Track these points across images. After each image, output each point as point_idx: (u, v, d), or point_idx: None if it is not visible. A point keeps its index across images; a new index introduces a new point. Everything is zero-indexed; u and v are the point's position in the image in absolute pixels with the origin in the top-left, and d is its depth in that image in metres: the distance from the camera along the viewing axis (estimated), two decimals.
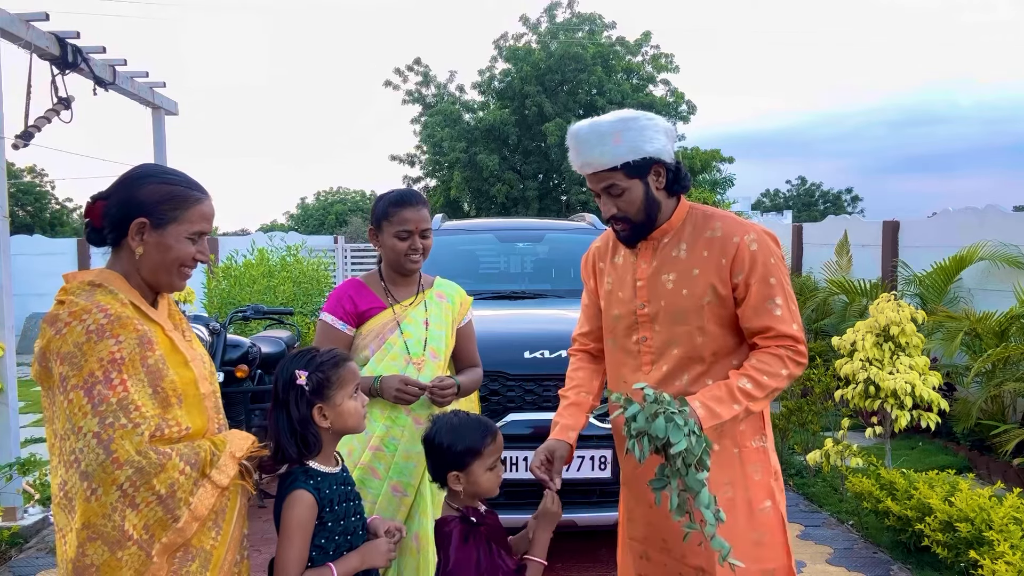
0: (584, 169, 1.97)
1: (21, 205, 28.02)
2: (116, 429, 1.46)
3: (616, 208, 1.96)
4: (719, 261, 1.93)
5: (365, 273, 2.57)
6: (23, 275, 10.94)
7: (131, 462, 1.46)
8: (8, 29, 4.18)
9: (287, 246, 10.50)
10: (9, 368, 4.27)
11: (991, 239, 6.04)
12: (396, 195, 2.46)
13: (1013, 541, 3.16)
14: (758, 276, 1.91)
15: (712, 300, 1.94)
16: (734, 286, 1.93)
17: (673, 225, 2.01)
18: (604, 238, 2.22)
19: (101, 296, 1.57)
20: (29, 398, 8.21)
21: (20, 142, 4.51)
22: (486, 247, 5.52)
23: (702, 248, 1.96)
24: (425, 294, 2.53)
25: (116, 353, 1.50)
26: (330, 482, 1.85)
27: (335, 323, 2.45)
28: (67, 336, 1.50)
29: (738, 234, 1.94)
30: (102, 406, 1.46)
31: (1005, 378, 5.12)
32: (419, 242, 2.43)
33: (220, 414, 1.76)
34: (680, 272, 1.97)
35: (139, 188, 1.63)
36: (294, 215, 41.95)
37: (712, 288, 1.93)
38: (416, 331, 2.44)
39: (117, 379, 1.49)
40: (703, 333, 1.95)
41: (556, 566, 3.56)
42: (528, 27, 20.45)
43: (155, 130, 6.25)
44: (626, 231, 2.00)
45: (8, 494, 4.21)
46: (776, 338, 1.91)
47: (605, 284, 2.14)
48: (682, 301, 1.95)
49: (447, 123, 19.77)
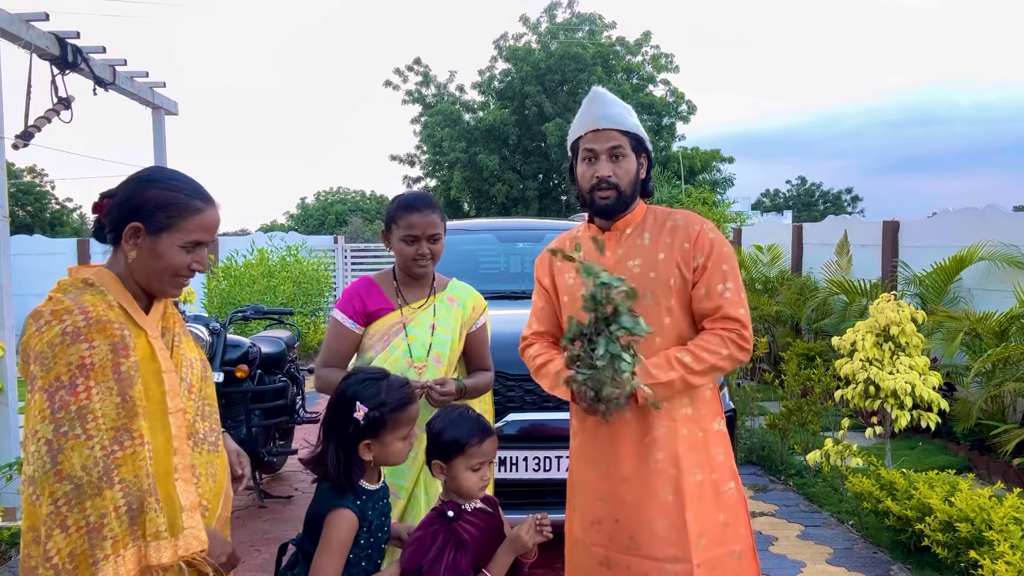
0: (599, 122, 2.06)
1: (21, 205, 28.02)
2: (68, 439, 1.44)
3: (612, 173, 2.06)
4: (682, 245, 2.06)
5: (379, 272, 2.58)
6: (23, 275, 10.93)
7: (72, 477, 1.43)
8: (8, 29, 4.18)
9: (287, 246, 10.51)
10: (9, 368, 4.27)
11: (991, 239, 6.04)
12: (405, 199, 2.45)
13: (1013, 541, 3.16)
14: (714, 260, 2.05)
15: (678, 281, 2.05)
16: (694, 268, 2.05)
17: (636, 217, 2.14)
18: (560, 240, 2.29)
19: (89, 296, 1.55)
20: None
21: (20, 142, 4.51)
22: (486, 247, 5.52)
23: (666, 236, 2.09)
24: (436, 297, 2.51)
25: (87, 358, 1.48)
26: (374, 500, 1.86)
27: (345, 321, 2.45)
28: (44, 335, 1.49)
29: (698, 223, 2.10)
30: (60, 412, 1.45)
31: (1005, 378, 5.12)
32: (426, 247, 2.41)
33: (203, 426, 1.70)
34: (646, 258, 2.08)
35: (141, 191, 1.62)
36: (294, 215, 41.95)
37: (678, 269, 2.05)
38: (421, 334, 2.43)
39: (82, 385, 1.46)
40: (670, 313, 2.05)
41: (556, 566, 3.56)
42: (528, 27, 20.45)
43: (155, 130, 6.25)
44: (611, 199, 2.07)
45: (8, 494, 4.21)
46: (722, 320, 2.02)
47: (567, 280, 2.17)
48: (649, 283, 2.04)
49: (447, 123, 19.77)
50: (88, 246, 13.10)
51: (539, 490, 3.42)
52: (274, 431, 4.99)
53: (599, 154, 2.06)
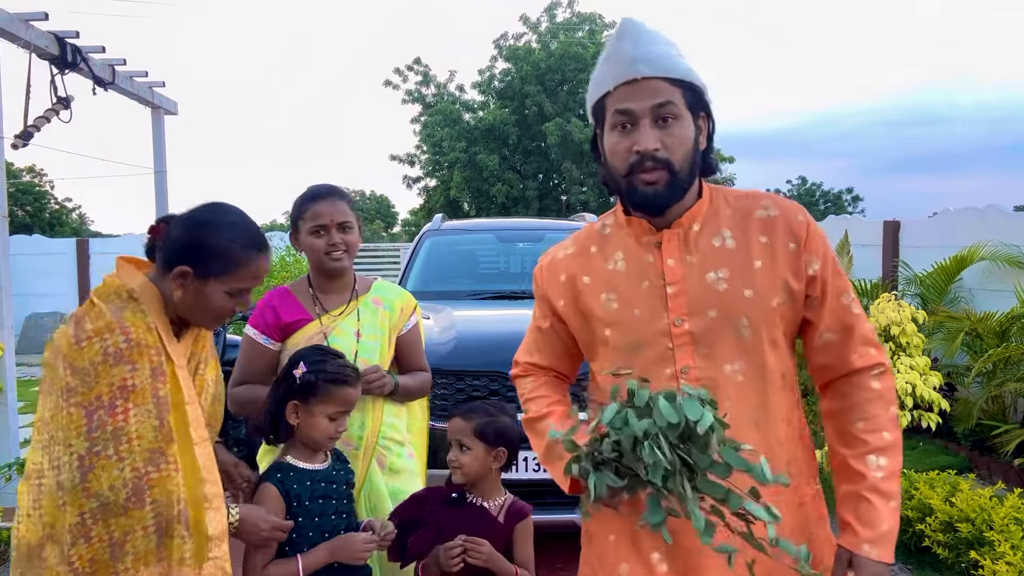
0: (636, 68, 1.38)
1: (20, 205, 28.02)
2: (100, 458, 1.46)
3: (660, 143, 1.38)
4: (786, 246, 1.43)
5: (295, 281, 2.36)
6: (22, 275, 10.94)
7: (99, 495, 1.46)
8: (7, 29, 4.17)
9: (287, 246, 10.49)
10: (9, 368, 4.26)
11: (992, 239, 6.04)
12: (308, 191, 2.27)
13: (1014, 541, 3.16)
14: (831, 265, 1.46)
15: (785, 301, 1.43)
16: (809, 279, 1.44)
17: (701, 208, 1.48)
18: (576, 243, 1.62)
19: (129, 315, 1.56)
20: (29, 398, 8.21)
21: (19, 142, 4.50)
22: (486, 247, 5.52)
23: (757, 232, 1.45)
24: (359, 301, 2.29)
25: (128, 380, 1.50)
26: (305, 478, 1.88)
27: (257, 337, 2.23)
28: (84, 351, 1.50)
29: (800, 212, 1.47)
30: (96, 432, 1.47)
31: (1006, 378, 5.11)
32: (337, 236, 2.20)
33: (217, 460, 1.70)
34: (735, 267, 1.43)
35: (198, 234, 1.61)
36: None
37: (785, 285, 1.42)
38: (346, 343, 2.21)
39: (121, 407, 1.49)
40: (775, 349, 1.44)
41: (556, 566, 3.56)
42: (528, 27, 20.46)
43: (155, 130, 6.24)
44: (661, 185, 1.39)
45: (8, 494, 4.20)
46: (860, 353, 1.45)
47: (601, 302, 1.51)
48: (745, 306, 1.41)
49: (447, 123, 19.78)
50: (87, 246, 13.09)
51: (539, 490, 3.42)
52: None
53: (638, 116, 1.38)
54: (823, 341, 1.47)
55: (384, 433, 2.26)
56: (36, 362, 10.81)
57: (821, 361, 1.49)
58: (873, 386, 1.44)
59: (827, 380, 1.51)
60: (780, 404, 1.45)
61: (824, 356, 1.49)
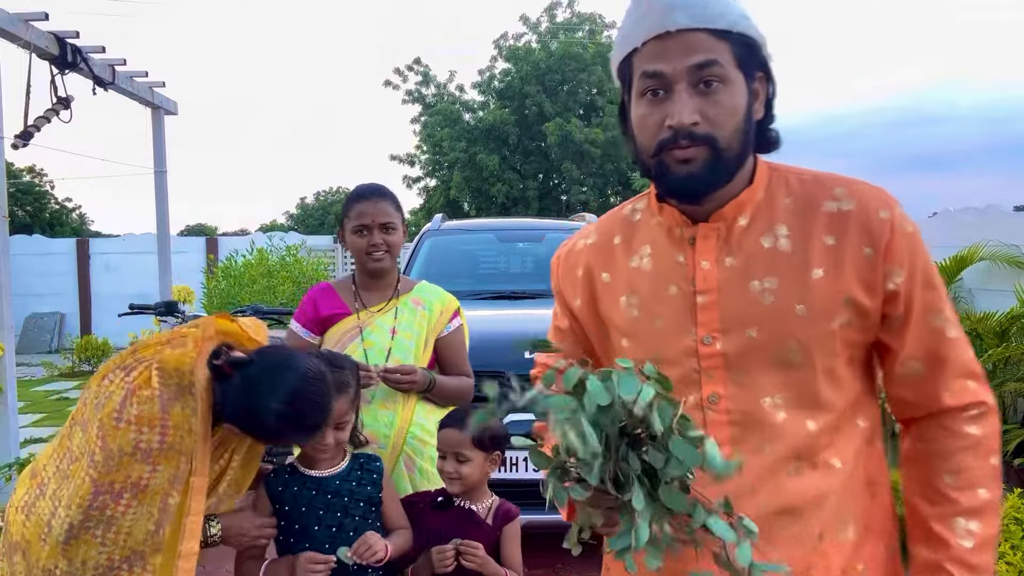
0: (671, 16, 1.07)
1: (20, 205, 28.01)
2: (87, 534, 1.48)
3: (701, 114, 1.08)
4: (859, 252, 1.11)
5: (340, 278, 2.43)
6: (22, 275, 10.95)
7: (72, 563, 1.48)
8: (8, 29, 4.18)
9: (286, 246, 10.50)
10: (9, 368, 4.26)
11: (992, 239, 6.04)
12: (354, 190, 2.32)
13: (1014, 541, 3.16)
14: (921, 276, 1.13)
15: (850, 321, 1.12)
16: (888, 295, 1.12)
17: (752, 196, 1.17)
18: (599, 230, 1.35)
19: (178, 411, 1.54)
20: (29, 398, 8.21)
21: (19, 142, 4.50)
22: (486, 247, 5.53)
23: (822, 231, 1.13)
24: (399, 300, 2.31)
25: (144, 480, 1.50)
26: (301, 482, 1.86)
27: (299, 330, 2.30)
28: (120, 434, 1.49)
29: (884, 206, 1.13)
30: (95, 511, 1.48)
31: (1006, 378, 5.12)
32: (379, 236, 2.22)
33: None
34: (788, 275, 1.13)
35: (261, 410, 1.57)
36: (294, 215, 41.99)
37: (851, 302, 1.11)
38: (380, 339, 2.23)
39: (126, 500, 1.49)
40: (832, 379, 1.13)
41: (556, 566, 3.56)
42: (528, 27, 20.46)
43: (155, 130, 6.25)
44: (699, 164, 1.09)
45: (8, 494, 4.20)
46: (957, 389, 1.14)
47: (621, 306, 1.25)
48: (795, 326, 1.12)
49: (447, 123, 19.79)
50: (87, 246, 13.10)
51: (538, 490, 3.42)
52: None
53: (672, 81, 1.08)
54: (905, 371, 1.15)
55: (414, 433, 2.22)
56: (36, 362, 10.81)
57: (902, 395, 1.18)
58: (969, 431, 1.14)
59: (910, 417, 1.21)
60: (837, 446, 1.15)
61: (906, 389, 1.17)
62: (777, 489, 1.12)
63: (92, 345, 10.43)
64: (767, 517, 1.11)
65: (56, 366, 10.45)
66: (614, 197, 21.01)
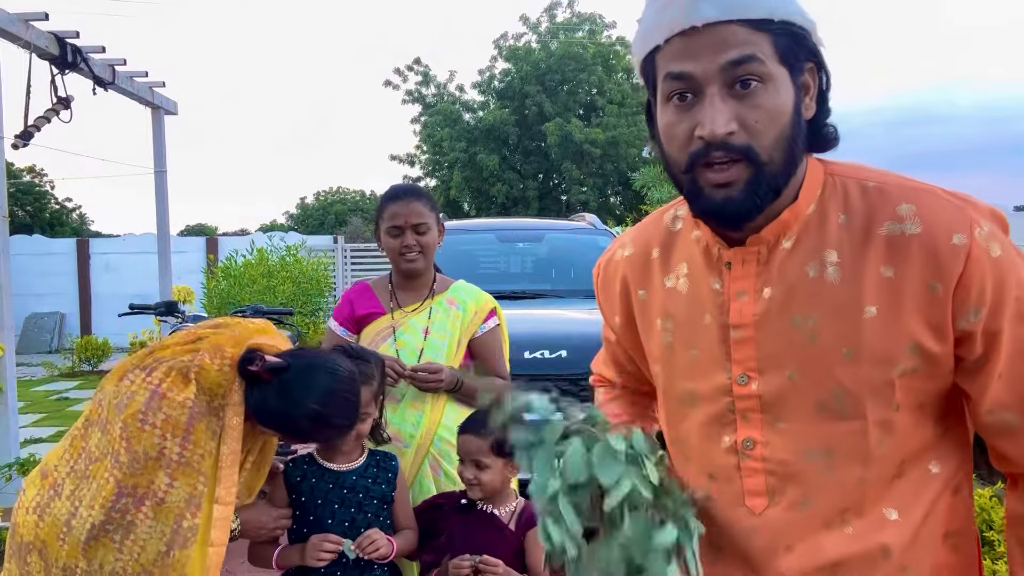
0: (698, 8, 0.90)
1: (21, 205, 28.02)
2: (107, 536, 1.47)
3: (737, 120, 0.91)
4: (924, 287, 0.93)
5: (378, 276, 2.43)
6: (22, 275, 10.95)
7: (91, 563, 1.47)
8: (8, 29, 4.18)
9: (287, 246, 10.50)
10: (9, 368, 4.26)
11: None
12: (389, 190, 2.33)
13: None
14: (1011, 309, 0.92)
15: (914, 368, 0.94)
16: (961, 336, 0.93)
17: (800, 211, 0.99)
18: (637, 239, 1.19)
19: (202, 429, 1.53)
20: (29, 398, 8.21)
21: (20, 142, 4.50)
22: (486, 247, 5.53)
23: (878, 260, 0.95)
24: (434, 300, 2.30)
25: (163, 492, 1.49)
26: (319, 474, 1.88)
27: (336, 329, 2.33)
28: (144, 437, 1.49)
29: (961, 227, 0.92)
30: (116, 513, 1.47)
31: None
32: (412, 238, 2.22)
33: None
34: (834, 311, 0.96)
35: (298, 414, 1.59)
36: (294, 215, 41.99)
37: (916, 346, 0.93)
38: (413, 340, 2.23)
39: (146, 510, 1.48)
40: (886, 430, 0.96)
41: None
42: (528, 27, 20.48)
43: (155, 130, 6.25)
44: (739, 188, 0.94)
45: (8, 494, 4.20)
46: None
47: (656, 329, 1.12)
48: (842, 371, 0.96)
49: (447, 123, 19.80)
50: (87, 246, 13.11)
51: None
52: None
53: (702, 83, 0.92)
54: (995, 422, 0.96)
55: (441, 435, 2.19)
56: (36, 362, 10.82)
57: (999, 448, 0.99)
58: None
59: (1013, 472, 1.01)
60: (896, 495, 0.99)
61: (1002, 442, 0.98)
62: (817, 546, 0.98)
63: (92, 345, 10.43)
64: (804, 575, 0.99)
65: (56, 366, 10.45)
66: (614, 197, 21.01)
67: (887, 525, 0.98)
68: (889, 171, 1.02)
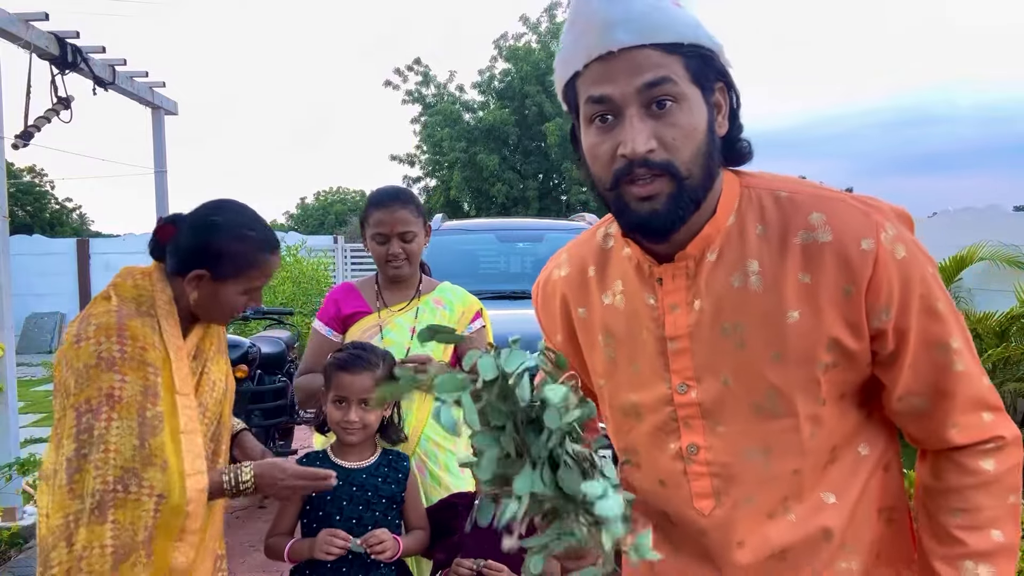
0: (613, 34, 0.96)
1: (21, 205, 28.01)
2: (86, 462, 1.46)
3: (656, 138, 0.97)
4: (838, 291, 1.00)
5: (364, 277, 2.44)
6: (22, 275, 10.94)
7: (82, 498, 1.45)
8: (8, 29, 4.18)
9: (287, 246, 10.50)
10: (9, 368, 4.26)
11: (991, 239, 6.05)
12: (374, 194, 2.31)
13: None
14: (916, 306, 1.00)
15: (835, 363, 1.02)
16: (875, 333, 1.01)
17: (720, 224, 1.05)
18: (572, 258, 1.24)
19: (137, 324, 1.55)
20: (29, 398, 8.21)
21: (20, 142, 4.50)
22: (486, 247, 5.53)
23: (796, 266, 1.01)
24: (420, 300, 2.31)
25: (116, 390, 1.49)
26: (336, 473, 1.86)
27: (322, 329, 2.33)
28: (81, 352, 1.50)
29: (868, 233, 0.99)
30: (84, 435, 1.47)
31: (1006, 378, 5.12)
32: (398, 246, 2.21)
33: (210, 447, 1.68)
34: (759, 319, 1.03)
35: (212, 237, 1.62)
36: (294, 215, 42.02)
37: (835, 344, 1.01)
38: (399, 338, 2.23)
39: (105, 415, 1.47)
40: (816, 423, 1.04)
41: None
42: (528, 27, 20.47)
43: (155, 130, 6.24)
44: (662, 200, 0.99)
45: (8, 494, 4.21)
46: (956, 421, 1.03)
47: (600, 346, 1.17)
48: (773, 374, 1.02)
49: (447, 123, 19.79)
50: (88, 246, 13.10)
51: None
52: (274, 431, 5.00)
53: (621, 105, 0.98)
54: (904, 407, 1.05)
55: (428, 436, 2.18)
56: (36, 362, 10.81)
57: (908, 430, 1.09)
58: (983, 467, 1.03)
59: (922, 449, 1.12)
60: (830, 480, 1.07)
61: (911, 425, 1.08)
62: (764, 537, 1.06)
63: None
64: (757, 565, 1.07)
65: None
66: None
67: (826, 508, 1.06)
68: (801, 179, 1.10)
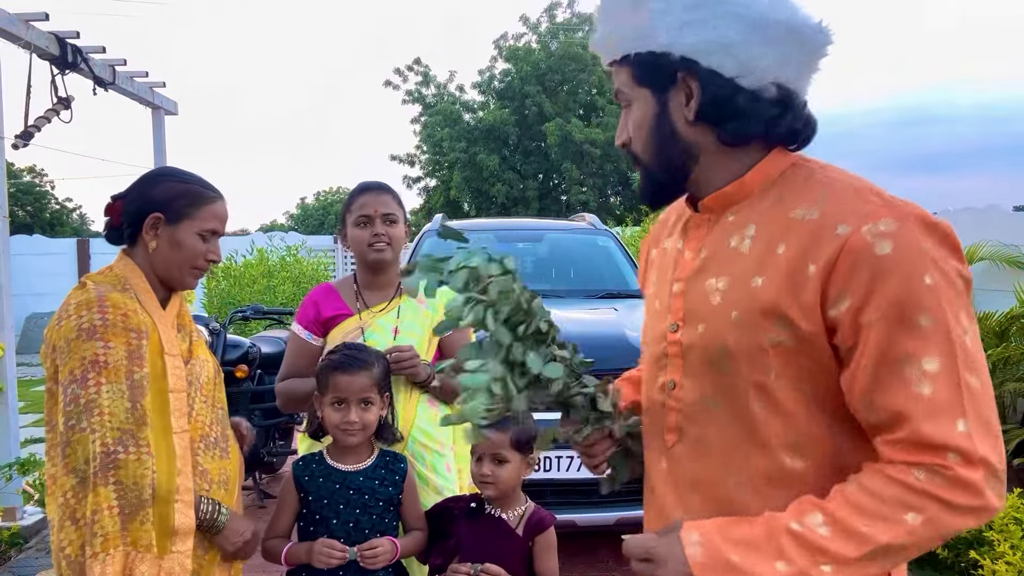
0: (599, 58, 1.24)
1: (21, 205, 28.02)
2: (75, 432, 1.48)
3: (623, 132, 1.21)
4: (802, 268, 1.00)
5: (341, 278, 2.37)
6: (23, 275, 10.94)
7: (77, 471, 1.47)
8: (8, 29, 4.18)
9: (287, 246, 10.51)
10: (9, 368, 4.26)
11: (991, 239, 6.04)
12: (357, 186, 2.31)
13: (1013, 541, 3.16)
14: (884, 307, 0.94)
15: (785, 342, 1.02)
16: (831, 324, 0.99)
17: (749, 189, 1.12)
18: (674, 207, 1.35)
19: (116, 295, 1.58)
20: (29, 398, 8.21)
21: (20, 142, 4.50)
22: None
23: (779, 237, 1.05)
24: (401, 299, 2.26)
25: (100, 356, 1.50)
26: (327, 474, 1.89)
27: (301, 333, 2.27)
28: (61, 328, 1.54)
29: (850, 220, 0.98)
30: (70, 406, 1.49)
31: (1005, 378, 5.12)
32: (381, 227, 2.19)
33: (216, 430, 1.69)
34: (736, 278, 1.08)
35: (155, 186, 1.69)
36: (294, 215, 42.03)
37: (783, 320, 1.01)
38: (382, 340, 2.17)
39: (93, 380, 1.48)
40: (765, 397, 1.05)
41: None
42: (528, 27, 20.48)
43: (155, 130, 6.24)
44: (643, 180, 1.21)
45: (8, 494, 4.21)
46: (907, 445, 0.94)
47: (652, 285, 1.31)
48: (728, 331, 1.07)
49: (447, 123, 19.80)
50: (88, 246, 13.10)
51: (540, 490, 3.42)
52: (274, 431, 5.00)
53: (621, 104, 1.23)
54: (859, 414, 1.01)
55: (415, 437, 2.15)
56: (36, 362, 10.81)
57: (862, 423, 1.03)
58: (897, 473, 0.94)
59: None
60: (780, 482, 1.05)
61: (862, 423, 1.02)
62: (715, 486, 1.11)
63: None
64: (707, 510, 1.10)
65: None
66: (614, 197, 21.00)
67: (787, 472, 1.05)
68: (858, 175, 1.10)
